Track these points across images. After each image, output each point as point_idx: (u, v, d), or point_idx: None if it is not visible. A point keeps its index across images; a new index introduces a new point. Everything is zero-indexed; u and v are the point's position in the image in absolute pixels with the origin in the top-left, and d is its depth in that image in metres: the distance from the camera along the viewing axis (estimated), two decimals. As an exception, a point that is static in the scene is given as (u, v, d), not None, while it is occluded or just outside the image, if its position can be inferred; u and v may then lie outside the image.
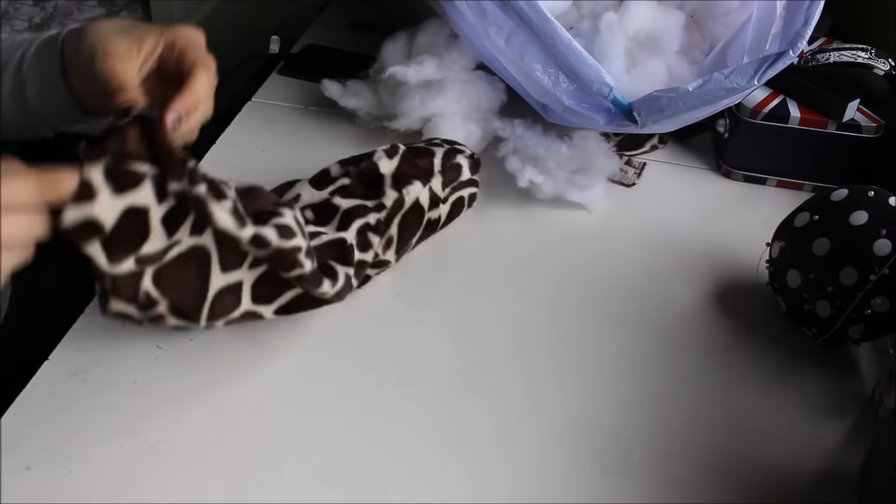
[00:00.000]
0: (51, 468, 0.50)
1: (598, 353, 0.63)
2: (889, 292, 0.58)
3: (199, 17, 1.55)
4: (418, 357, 0.61)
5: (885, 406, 0.57)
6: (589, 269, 0.71)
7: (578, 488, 0.52)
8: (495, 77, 0.83)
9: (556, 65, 0.72)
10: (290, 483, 0.51)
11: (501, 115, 0.84)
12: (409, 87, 0.79)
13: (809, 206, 0.64)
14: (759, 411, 0.59)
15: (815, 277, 0.61)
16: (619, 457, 0.55)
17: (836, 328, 0.61)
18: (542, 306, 0.67)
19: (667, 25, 0.84)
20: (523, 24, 0.71)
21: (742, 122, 0.82)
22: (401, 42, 0.84)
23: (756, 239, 0.69)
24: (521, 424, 0.56)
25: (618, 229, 0.77)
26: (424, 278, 0.68)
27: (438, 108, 0.79)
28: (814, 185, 0.84)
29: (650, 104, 0.72)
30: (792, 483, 0.54)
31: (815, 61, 0.84)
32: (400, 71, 0.78)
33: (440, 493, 0.51)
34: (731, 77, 0.70)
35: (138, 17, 1.52)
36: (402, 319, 0.64)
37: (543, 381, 0.60)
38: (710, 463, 0.55)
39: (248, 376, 0.58)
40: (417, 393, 0.58)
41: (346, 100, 0.86)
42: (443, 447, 0.54)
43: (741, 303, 0.69)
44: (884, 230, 0.59)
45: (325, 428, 0.55)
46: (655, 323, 0.66)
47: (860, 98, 0.80)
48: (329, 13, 1.16)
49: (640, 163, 0.86)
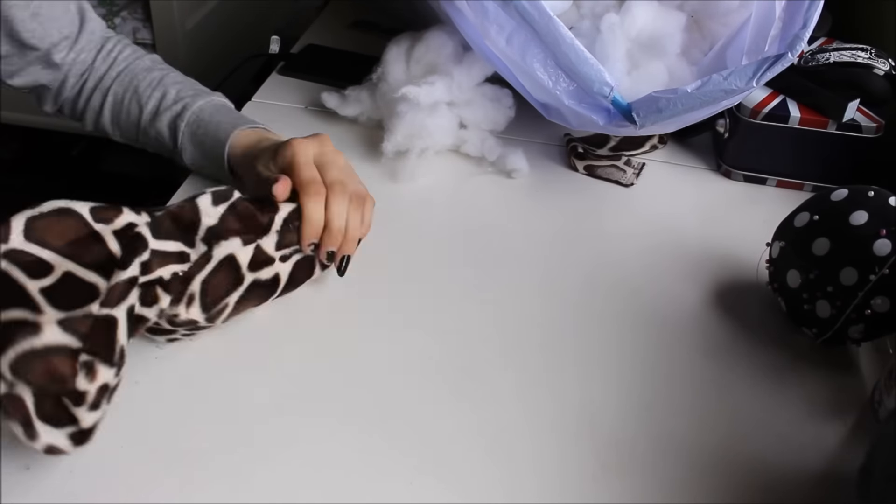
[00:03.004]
0: (51, 468, 0.50)
1: (598, 352, 0.63)
2: (889, 292, 0.58)
3: (199, 17, 1.55)
4: (414, 357, 0.61)
5: (885, 406, 0.57)
6: (588, 268, 0.71)
7: (578, 488, 0.52)
8: (503, 91, 0.84)
9: (557, 64, 0.72)
10: (289, 483, 0.51)
11: (509, 130, 0.85)
12: (409, 107, 0.79)
13: (809, 206, 0.64)
14: (759, 411, 0.59)
15: (815, 277, 0.61)
16: (619, 457, 0.55)
17: (836, 328, 0.61)
18: (542, 306, 0.67)
19: (668, 27, 0.84)
20: (524, 24, 0.71)
21: (742, 122, 0.82)
22: (404, 47, 0.84)
23: (756, 239, 0.69)
24: (520, 424, 0.56)
25: (618, 229, 0.78)
26: (420, 279, 0.68)
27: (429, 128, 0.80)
28: (814, 185, 0.84)
29: (649, 105, 0.72)
30: (792, 483, 0.54)
31: (815, 61, 0.84)
32: (412, 92, 0.78)
33: (437, 493, 0.51)
34: (729, 78, 0.70)
35: (138, 17, 1.52)
36: (399, 319, 0.64)
37: (542, 380, 0.60)
38: (710, 463, 0.55)
39: (248, 377, 0.58)
40: (413, 393, 0.58)
41: (344, 109, 0.87)
42: (440, 447, 0.54)
43: (741, 303, 0.69)
44: (884, 230, 0.59)
45: (324, 429, 0.55)
46: (655, 323, 0.66)
47: (860, 98, 0.80)
48: (329, 13, 1.16)
49: (640, 163, 0.86)
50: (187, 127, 0.70)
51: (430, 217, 0.76)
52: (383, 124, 0.82)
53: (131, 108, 0.73)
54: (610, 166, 0.85)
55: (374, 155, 0.82)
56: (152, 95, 0.71)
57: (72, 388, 0.46)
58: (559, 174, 0.85)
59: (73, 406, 0.47)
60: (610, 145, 0.87)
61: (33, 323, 0.46)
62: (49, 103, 0.76)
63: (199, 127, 0.70)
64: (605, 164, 0.85)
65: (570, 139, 0.88)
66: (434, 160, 0.83)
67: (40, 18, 0.67)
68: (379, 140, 0.81)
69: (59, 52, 0.71)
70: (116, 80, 0.73)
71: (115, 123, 0.75)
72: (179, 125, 0.70)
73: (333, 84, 0.93)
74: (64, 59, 0.72)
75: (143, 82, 0.72)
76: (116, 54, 0.74)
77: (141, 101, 0.72)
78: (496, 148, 0.83)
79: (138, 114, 0.72)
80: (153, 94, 0.71)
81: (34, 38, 0.68)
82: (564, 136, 0.89)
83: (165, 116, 0.71)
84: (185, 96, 0.71)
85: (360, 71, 0.88)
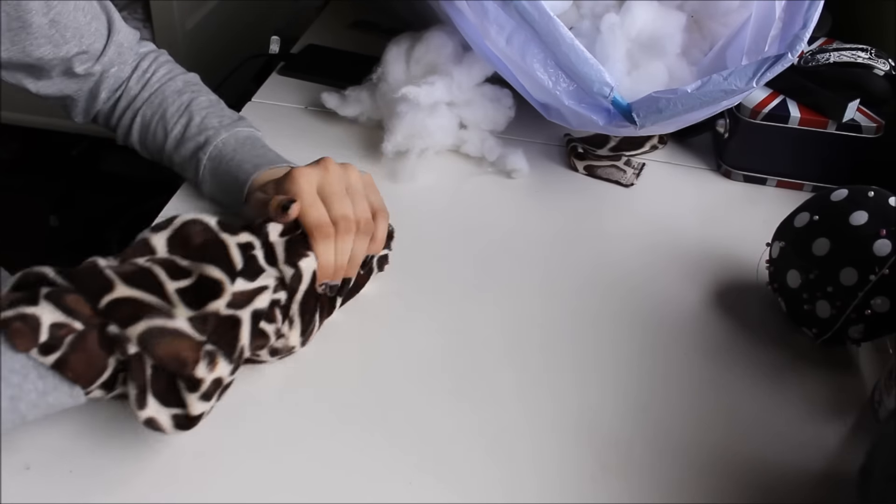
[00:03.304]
0: (51, 468, 0.50)
1: (598, 352, 0.63)
2: (889, 292, 0.58)
3: (199, 17, 1.55)
4: (414, 357, 0.61)
5: (885, 406, 0.57)
6: (589, 269, 0.71)
7: (577, 488, 0.52)
8: (503, 92, 0.84)
9: (557, 64, 0.72)
10: (290, 483, 0.51)
11: (509, 130, 0.85)
12: (409, 107, 0.79)
13: (809, 206, 0.64)
14: (759, 411, 0.59)
15: (815, 277, 0.61)
16: (619, 457, 0.55)
17: (836, 328, 0.61)
18: (542, 306, 0.67)
19: (668, 28, 0.84)
20: (524, 24, 0.71)
21: (742, 123, 0.82)
22: (404, 47, 0.84)
23: (756, 239, 0.69)
24: (519, 424, 0.56)
25: (618, 229, 0.78)
26: (420, 279, 0.68)
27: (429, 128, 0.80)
28: (814, 185, 0.84)
29: (649, 105, 0.72)
30: (792, 483, 0.54)
31: (815, 61, 0.84)
32: (412, 92, 0.78)
33: (437, 493, 0.51)
34: (729, 79, 0.70)
35: (138, 17, 1.52)
36: (397, 320, 0.64)
37: (542, 380, 0.60)
38: (709, 463, 0.55)
39: (247, 377, 0.58)
40: (413, 393, 0.58)
41: (344, 109, 0.87)
42: (440, 447, 0.54)
43: (741, 303, 0.69)
44: (884, 230, 0.59)
45: (324, 427, 0.55)
46: (655, 323, 0.66)
47: (860, 98, 0.80)
48: (329, 13, 1.16)
49: (639, 163, 0.86)
50: (209, 161, 0.69)
51: (430, 217, 0.76)
52: (383, 124, 0.82)
53: (157, 133, 0.72)
54: (610, 166, 0.85)
55: (374, 155, 0.82)
56: (178, 122, 0.71)
57: (190, 373, 0.48)
58: (559, 174, 0.85)
59: (186, 391, 0.49)
60: (610, 145, 0.87)
61: (167, 310, 0.49)
62: (79, 114, 0.75)
63: (220, 163, 0.69)
64: (605, 165, 0.85)
65: (570, 139, 0.88)
66: (434, 160, 0.83)
67: (58, 26, 0.65)
68: (379, 140, 0.81)
69: (81, 64, 0.70)
70: (147, 103, 0.73)
71: (142, 144, 0.74)
72: (202, 158, 0.69)
73: (333, 84, 0.93)
74: (89, 70, 0.71)
75: (171, 107, 0.72)
76: (150, 75, 0.74)
77: (167, 127, 0.71)
78: (496, 148, 0.83)
79: (163, 139, 0.72)
80: (179, 121, 0.71)
81: (50, 44, 0.66)
82: (564, 136, 0.89)
83: (189, 146, 0.70)
84: (209, 126, 0.70)
85: (360, 71, 0.88)
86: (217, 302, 0.50)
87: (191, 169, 0.71)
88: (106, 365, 0.49)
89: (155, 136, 0.73)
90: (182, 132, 0.71)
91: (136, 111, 0.73)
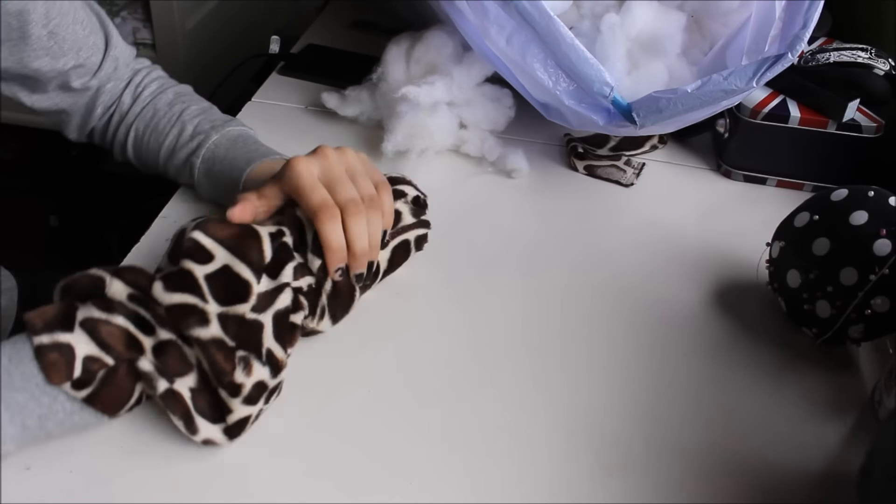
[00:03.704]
0: (51, 468, 0.50)
1: (598, 352, 0.63)
2: (889, 292, 0.58)
3: (199, 17, 1.55)
4: (413, 357, 0.61)
5: (885, 406, 0.57)
6: (588, 268, 0.71)
7: (578, 488, 0.52)
8: (503, 92, 0.84)
9: (557, 64, 0.72)
10: (289, 482, 0.51)
11: (509, 130, 0.85)
12: (409, 107, 0.79)
13: (809, 206, 0.64)
14: (759, 411, 0.59)
15: (815, 277, 0.61)
16: (619, 456, 0.55)
17: (836, 328, 0.61)
18: (542, 306, 0.67)
19: (668, 28, 0.84)
20: (525, 24, 0.71)
21: (742, 122, 0.82)
22: (404, 47, 0.84)
23: (756, 239, 0.69)
24: (520, 424, 0.56)
25: (618, 229, 0.78)
26: (419, 278, 0.68)
27: (429, 128, 0.80)
28: (814, 185, 0.84)
29: (649, 105, 0.72)
30: (792, 483, 0.54)
31: (815, 61, 0.84)
32: (412, 92, 0.78)
33: (438, 492, 0.51)
34: (729, 79, 0.70)
35: (138, 17, 1.52)
36: (398, 319, 0.64)
37: (542, 380, 0.60)
38: (709, 463, 0.55)
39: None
40: (413, 393, 0.58)
41: (344, 109, 0.87)
42: (440, 447, 0.54)
43: (741, 303, 0.69)
44: (884, 230, 0.59)
45: (324, 427, 0.55)
46: (655, 323, 0.66)
47: (860, 98, 0.80)
48: (329, 13, 1.16)
49: (639, 163, 0.86)
50: (202, 164, 0.70)
51: (430, 217, 0.76)
52: (383, 124, 0.82)
53: (151, 145, 0.72)
54: (610, 166, 0.85)
55: (374, 155, 0.82)
56: (170, 133, 0.71)
57: (230, 381, 0.50)
58: (559, 174, 0.85)
59: (229, 397, 0.50)
60: (610, 145, 0.87)
61: (202, 311, 0.50)
62: (74, 130, 0.75)
63: (213, 164, 0.69)
64: (605, 164, 0.85)
65: (570, 139, 0.88)
66: (434, 160, 0.83)
67: (57, 38, 0.65)
68: (379, 140, 0.81)
69: (78, 78, 0.70)
70: (139, 117, 0.73)
71: (137, 158, 0.75)
72: (195, 162, 0.70)
73: (333, 84, 0.93)
74: (86, 84, 0.71)
75: (162, 119, 0.72)
76: (142, 90, 0.74)
77: (160, 139, 0.72)
78: (496, 148, 0.83)
79: (157, 150, 0.72)
80: (171, 132, 0.71)
81: (48, 56, 0.66)
82: (564, 136, 0.89)
83: (182, 154, 0.71)
84: (201, 131, 0.70)
85: (360, 71, 0.88)
86: (243, 306, 0.51)
87: (186, 175, 0.72)
88: (133, 394, 0.51)
89: (149, 149, 0.73)
90: (174, 142, 0.71)
91: (129, 126, 0.73)
